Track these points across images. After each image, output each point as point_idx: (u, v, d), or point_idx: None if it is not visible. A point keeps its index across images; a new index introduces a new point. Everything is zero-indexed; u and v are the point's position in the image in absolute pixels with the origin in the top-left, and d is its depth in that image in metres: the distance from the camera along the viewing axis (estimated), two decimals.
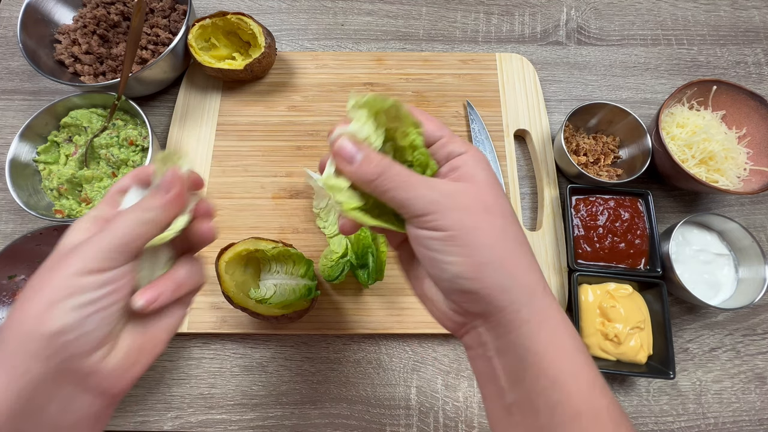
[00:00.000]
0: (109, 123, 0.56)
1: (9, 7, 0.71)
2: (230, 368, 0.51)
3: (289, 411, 0.50)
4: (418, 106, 0.62)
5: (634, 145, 0.57)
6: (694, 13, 0.71)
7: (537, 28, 0.69)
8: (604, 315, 0.49)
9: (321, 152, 0.59)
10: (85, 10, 0.62)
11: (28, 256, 0.50)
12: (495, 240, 0.26)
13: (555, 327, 0.26)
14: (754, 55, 0.68)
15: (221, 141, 0.60)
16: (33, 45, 0.57)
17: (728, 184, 0.53)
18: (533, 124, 0.61)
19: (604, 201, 0.55)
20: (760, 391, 0.51)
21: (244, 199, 0.57)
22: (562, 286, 0.53)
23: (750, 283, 0.50)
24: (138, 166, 0.54)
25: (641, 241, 0.53)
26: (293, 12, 0.70)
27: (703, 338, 0.53)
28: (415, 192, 0.26)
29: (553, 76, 0.66)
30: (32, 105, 0.64)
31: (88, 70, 0.59)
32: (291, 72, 0.64)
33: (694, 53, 0.68)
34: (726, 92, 0.56)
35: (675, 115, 0.57)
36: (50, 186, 0.53)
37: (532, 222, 0.58)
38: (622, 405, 0.50)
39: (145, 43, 0.60)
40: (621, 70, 0.67)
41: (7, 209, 0.58)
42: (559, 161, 0.58)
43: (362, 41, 0.68)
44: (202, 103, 0.62)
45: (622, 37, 0.69)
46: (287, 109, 0.62)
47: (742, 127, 0.56)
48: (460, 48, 0.68)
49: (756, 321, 0.54)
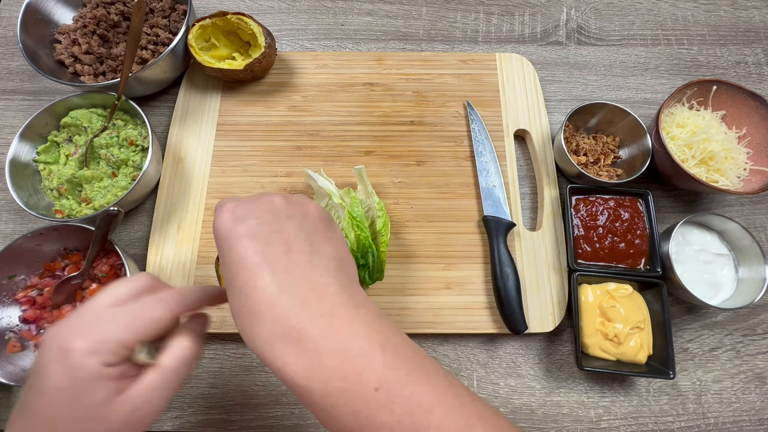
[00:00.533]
0: (109, 123, 0.56)
1: (9, 7, 0.71)
2: (230, 368, 0.51)
3: (289, 411, 0.50)
4: (418, 106, 0.62)
5: (634, 145, 0.57)
6: (694, 13, 0.71)
7: (537, 28, 0.69)
8: (604, 315, 0.49)
9: (321, 152, 0.59)
10: (85, 10, 0.62)
11: (28, 256, 0.50)
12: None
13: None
14: (754, 55, 0.68)
15: (221, 141, 0.60)
16: (33, 45, 0.57)
17: (728, 184, 0.53)
18: (533, 124, 0.61)
19: (604, 201, 0.55)
20: (760, 391, 0.51)
21: None
22: (562, 286, 0.53)
23: (750, 283, 0.50)
24: (138, 167, 0.54)
25: (641, 241, 0.53)
26: (293, 12, 0.70)
27: (703, 338, 0.53)
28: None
29: (553, 76, 0.66)
30: (32, 105, 0.64)
31: (88, 70, 0.59)
32: (291, 72, 0.64)
33: (694, 53, 0.68)
34: (726, 92, 0.56)
35: (675, 115, 0.57)
36: (50, 186, 0.53)
37: (532, 222, 0.58)
38: (622, 405, 0.50)
39: (145, 43, 0.60)
40: (621, 70, 0.67)
41: (7, 209, 0.58)
42: (559, 161, 0.58)
43: (362, 41, 0.68)
44: (202, 103, 0.62)
45: (622, 37, 0.69)
46: (287, 109, 0.62)
47: (742, 127, 0.56)
48: (460, 48, 0.68)
49: (756, 321, 0.54)
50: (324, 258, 0.30)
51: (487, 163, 0.58)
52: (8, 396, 0.50)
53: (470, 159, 0.59)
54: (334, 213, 0.53)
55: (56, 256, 0.52)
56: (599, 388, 0.51)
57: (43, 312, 0.50)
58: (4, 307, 0.49)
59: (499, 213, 0.54)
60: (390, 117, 0.61)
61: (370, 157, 0.59)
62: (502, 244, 0.52)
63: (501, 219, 0.54)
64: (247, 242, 0.28)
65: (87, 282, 0.51)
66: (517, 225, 0.55)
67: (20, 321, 0.49)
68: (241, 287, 0.27)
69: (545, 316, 0.52)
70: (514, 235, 0.55)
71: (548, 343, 0.53)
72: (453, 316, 0.52)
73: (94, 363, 0.27)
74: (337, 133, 0.60)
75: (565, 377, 0.52)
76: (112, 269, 0.51)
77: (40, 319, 0.50)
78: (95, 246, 0.49)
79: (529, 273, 0.54)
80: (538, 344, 0.53)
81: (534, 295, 0.53)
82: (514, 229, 0.55)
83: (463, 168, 0.59)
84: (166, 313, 0.30)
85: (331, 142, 0.60)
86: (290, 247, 0.29)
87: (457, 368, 0.52)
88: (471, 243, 0.55)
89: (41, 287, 0.51)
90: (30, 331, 0.49)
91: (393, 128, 0.61)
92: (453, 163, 0.59)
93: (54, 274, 0.52)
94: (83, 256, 0.53)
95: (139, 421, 0.28)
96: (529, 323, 0.51)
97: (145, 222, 0.57)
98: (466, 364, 0.52)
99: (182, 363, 0.30)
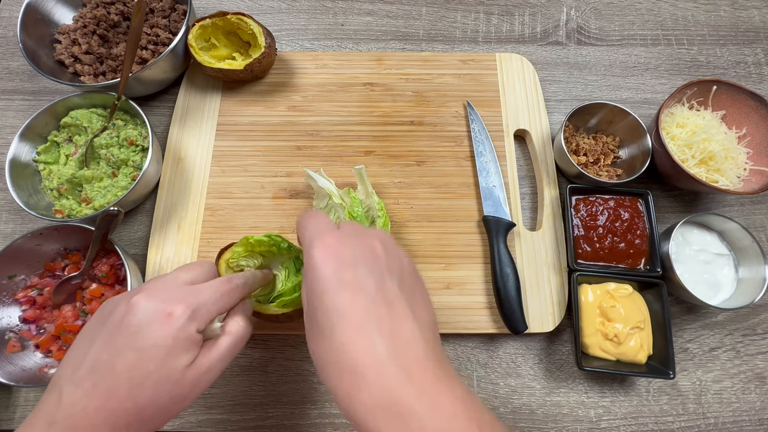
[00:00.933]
0: (109, 123, 0.56)
1: (9, 7, 0.71)
2: (230, 368, 0.51)
3: (289, 411, 0.50)
4: (418, 106, 0.62)
5: (634, 145, 0.57)
6: (694, 13, 0.71)
7: (537, 28, 0.69)
8: (604, 315, 0.49)
9: (321, 152, 0.59)
10: (85, 10, 0.62)
11: (28, 256, 0.50)
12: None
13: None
14: (754, 55, 0.68)
15: (221, 141, 0.60)
16: (33, 45, 0.57)
17: (728, 184, 0.53)
18: (533, 124, 0.61)
19: (604, 201, 0.55)
20: (760, 391, 0.51)
21: (244, 199, 0.57)
22: (562, 286, 0.53)
23: (750, 283, 0.50)
24: (138, 167, 0.54)
25: (641, 241, 0.53)
26: (293, 12, 0.70)
27: (703, 338, 0.53)
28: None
29: (553, 76, 0.66)
30: (32, 105, 0.64)
31: (88, 70, 0.59)
32: (291, 72, 0.64)
33: (694, 53, 0.68)
34: (726, 92, 0.56)
35: (675, 115, 0.57)
36: (50, 186, 0.53)
37: (532, 222, 0.58)
38: (622, 405, 0.50)
39: (145, 43, 0.60)
40: (621, 70, 0.67)
41: (7, 209, 0.58)
42: (559, 161, 0.58)
43: (362, 41, 0.68)
44: (202, 103, 0.62)
45: (622, 37, 0.69)
46: (287, 109, 0.62)
47: (742, 127, 0.56)
48: (460, 48, 0.68)
49: (756, 321, 0.54)
50: (422, 323, 0.29)
51: (487, 163, 0.58)
52: (8, 396, 0.50)
53: (470, 159, 0.59)
54: (333, 213, 0.53)
55: (56, 256, 0.52)
56: (599, 388, 0.51)
57: (43, 312, 0.50)
58: (4, 307, 0.49)
59: (499, 213, 0.54)
60: (390, 117, 0.61)
61: (370, 157, 0.59)
62: (502, 244, 0.52)
63: (501, 219, 0.54)
64: (353, 295, 0.28)
65: (87, 282, 0.51)
66: (517, 225, 0.55)
67: (20, 321, 0.49)
68: (344, 343, 0.27)
69: (545, 316, 0.52)
70: (514, 235, 0.55)
71: (548, 343, 0.53)
72: (453, 316, 0.52)
73: (192, 328, 0.31)
74: (337, 133, 0.60)
75: (565, 377, 0.52)
76: (112, 269, 0.51)
77: (40, 319, 0.50)
78: (95, 246, 0.49)
79: (529, 273, 0.54)
80: (538, 344, 0.53)
81: (534, 295, 0.53)
82: (514, 229, 0.55)
83: (463, 168, 0.59)
84: (242, 294, 0.36)
85: (331, 142, 0.60)
86: (393, 309, 0.28)
87: (457, 368, 0.52)
88: (471, 243, 0.55)
89: (41, 287, 0.51)
90: (30, 331, 0.49)
91: (393, 128, 0.61)
92: (453, 163, 0.59)
93: (54, 274, 0.52)
94: (83, 256, 0.53)
95: (199, 389, 0.32)
96: (529, 323, 0.51)
97: (145, 222, 0.57)
98: (466, 364, 0.52)
99: (240, 337, 0.35)
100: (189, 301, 0.31)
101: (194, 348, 0.31)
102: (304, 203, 0.57)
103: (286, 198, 0.57)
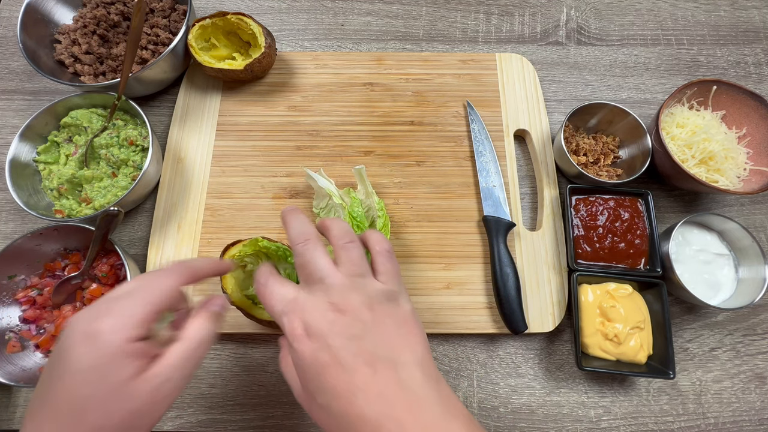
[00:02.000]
0: (109, 123, 0.56)
1: (9, 7, 0.71)
2: (230, 368, 0.51)
3: (289, 411, 0.50)
4: (418, 106, 0.62)
5: (634, 145, 0.57)
6: (694, 13, 0.71)
7: (537, 28, 0.70)
8: (604, 315, 0.49)
9: (321, 152, 0.59)
10: (85, 10, 0.62)
11: (28, 256, 0.50)
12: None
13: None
14: (754, 55, 0.68)
15: (221, 141, 0.60)
16: (33, 45, 0.57)
17: (728, 184, 0.53)
18: (533, 124, 0.61)
19: (604, 201, 0.55)
20: (760, 391, 0.51)
21: (244, 199, 0.57)
22: (562, 286, 0.53)
23: (750, 283, 0.50)
24: (138, 167, 0.54)
25: (641, 241, 0.53)
26: (293, 12, 0.70)
27: (703, 338, 0.53)
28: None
29: (552, 76, 0.66)
30: (32, 105, 0.64)
31: (88, 70, 0.59)
32: (291, 72, 0.64)
33: (694, 53, 0.68)
34: (726, 92, 0.56)
35: (675, 115, 0.57)
36: (50, 186, 0.53)
37: (532, 222, 0.58)
38: (622, 405, 0.50)
39: (145, 43, 0.60)
40: (621, 70, 0.67)
41: (7, 209, 0.58)
42: (559, 161, 0.58)
43: (362, 41, 0.68)
44: (202, 103, 0.62)
45: (622, 37, 0.69)
46: (287, 109, 0.62)
47: (742, 127, 0.56)
48: (460, 48, 0.68)
49: (756, 321, 0.54)
50: (408, 368, 0.30)
51: (487, 163, 0.58)
52: (8, 396, 0.50)
53: (470, 159, 0.59)
54: (333, 213, 0.53)
55: (56, 256, 0.52)
56: (599, 388, 0.51)
57: (43, 312, 0.50)
58: (4, 307, 0.49)
59: (499, 213, 0.54)
60: (390, 117, 0.61)
61: (370, 157, 0.59)
62: (502, 244, 0.52)
63: (501, 219, 0.54)
64: (335, 373, 0.29)
65: (87, 282, 0.51)
66: (517, 225, 0.55)
67: (20, 321, 0.49)
68: (342, 414, 0.28)
69: (545, 316, 0.52)
70: (514, 235, 0.55)
71: (548, 343, 0.53)
72: (453, 316, 0.52)
73: (119, 339, 0.28)
74: (337, 133, 0.60)
75: (565, 377, 0.52)
76: (112, 269, 0.51)
77: (40, 319, 0.50)
78: (95, 246, 0.49)
79: (529, 273, 0.54)
80: (538, 344, 0.53)
81: (534, 295, 0.53)
82: (514, 229, 0.55)
83: (463, 168, 0.59)
84: (174, 281, 0.32)
85: (331, 142, 0.60)
86: (375, 368, 0.29)
87: (457, 368, 0.52)
88: (471, 243, 0.55)
89: (41, 287, 0.51)
90: (30, 331, 0.49)
91: (393, 128, 0.61)
92: (453, 163, 0.59)
93: (54, 274, 0.52)
94: (83, 256, 0.53)
95: (161, 401, 0.30)
96: (529, 323, 0.51)
97: (145, 222, 0.58)
98: (466, 364, 0.52)
99: (199, 342, 0.32)
100: (112, 313, 0.29)
101: (134, 359, 0.28)
102: (304, 203, 0.57)
103: (286, 198, 0.57)
